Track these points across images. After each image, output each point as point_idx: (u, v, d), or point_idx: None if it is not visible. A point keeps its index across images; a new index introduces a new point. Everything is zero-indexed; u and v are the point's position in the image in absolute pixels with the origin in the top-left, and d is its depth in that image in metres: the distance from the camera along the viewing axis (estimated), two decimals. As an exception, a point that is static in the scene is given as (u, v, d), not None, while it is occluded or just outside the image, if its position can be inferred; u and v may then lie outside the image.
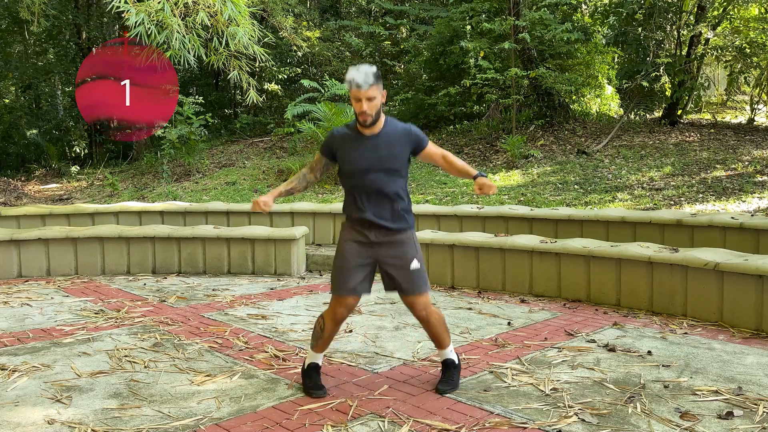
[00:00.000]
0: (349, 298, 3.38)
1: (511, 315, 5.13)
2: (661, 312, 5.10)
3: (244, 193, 11.61)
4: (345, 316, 3.45)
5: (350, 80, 3.22)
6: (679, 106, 14.20)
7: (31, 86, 21.11)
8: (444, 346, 3.56)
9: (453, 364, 3.57)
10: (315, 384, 3.49)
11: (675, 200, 8.90)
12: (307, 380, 3.52)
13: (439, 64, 15.41)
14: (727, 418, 3.07)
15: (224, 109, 20.34)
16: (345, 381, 3.65)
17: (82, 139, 20.50)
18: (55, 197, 13.61)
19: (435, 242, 6.39)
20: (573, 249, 5.60)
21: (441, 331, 3.51)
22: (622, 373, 3.73)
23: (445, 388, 3.46)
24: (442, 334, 3.52)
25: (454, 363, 3.57)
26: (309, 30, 16.95)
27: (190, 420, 3.14)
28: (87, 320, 5.05)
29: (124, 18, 6.24)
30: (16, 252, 6.91)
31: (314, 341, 3.54)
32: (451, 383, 3.50)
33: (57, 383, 3.65)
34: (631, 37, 14.40)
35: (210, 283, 6.56)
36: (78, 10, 19.33)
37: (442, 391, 3.45)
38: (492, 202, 9.41)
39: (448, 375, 3.54)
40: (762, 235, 5.97)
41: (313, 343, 3.54)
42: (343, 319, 3.46)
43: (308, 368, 3.55)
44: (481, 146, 13.35)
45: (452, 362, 3.57)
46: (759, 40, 13.31)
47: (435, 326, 3.49)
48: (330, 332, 3.49)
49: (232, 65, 7.42)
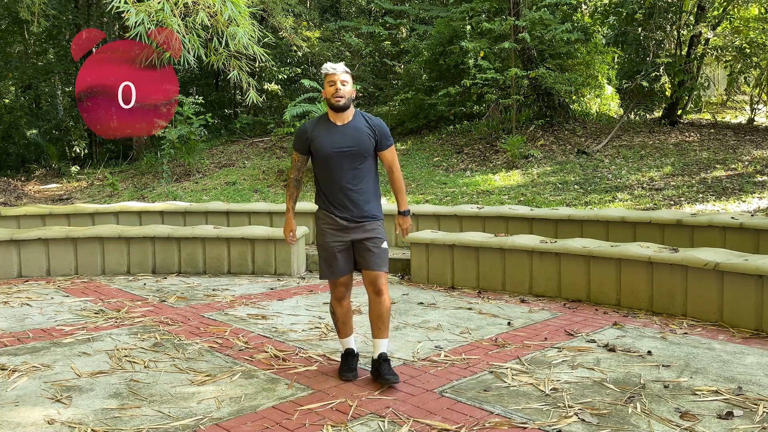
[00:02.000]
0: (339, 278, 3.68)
1: (511, 315, 5.13)
2: (661, 312, 5.10)
3: (244, 193, 11.61)
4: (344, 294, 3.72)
5: (325, 68, 3.60)
6: (679, 106, 14.20)
7: (31, 86, 21.11)
8: (385, 335, 3.67)
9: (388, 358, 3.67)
10: (347, 367, 3.72)
11: (675, 200, 8.90)
12: (342, 363, 3.78)
13: (439, 64, 15.41)
14: (727, 418, 3.07)
15: (224, 109, 20.34)
16: (345, 381, 3.65)
17: (82, 139, 20.50)
18: (55, 197, 13.61)
19: (435, 242, 6.39)
20: (573, 249, 5.60)
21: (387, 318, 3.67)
22: (622, 373, 3.73)
23: (395, 378, 3.54)
24: (387, 320, 3.67)
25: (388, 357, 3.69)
26: (309, 30, 16.95)
27: (190, 420, 3.14)
28: (87, 320, 5.05)
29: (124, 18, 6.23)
30: (16, 252, 6.91)
31: (336, 329, 3.82)
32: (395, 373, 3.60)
33: (57, 383, 3.65)
34: (631, 37, 14.40)
35: (210, 283, 6.56)
36: (78, 10, 19.34)
37: (394, 380, 3.53)
38: (492, 202, 9.41)
39: (388, 367, 3.61)
40: (762, 235, 5.97)
41: (337, 330, 3.82)
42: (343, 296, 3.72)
43: (343, 353, 3.81)
44: (481, 146, 13.35)
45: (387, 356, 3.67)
46: (759, 40, 13.31)
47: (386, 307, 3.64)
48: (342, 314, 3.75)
49: (232, 65, 7.42)
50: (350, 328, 3.79)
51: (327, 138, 3.59)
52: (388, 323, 3.69)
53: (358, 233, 3.62)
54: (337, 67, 3.58)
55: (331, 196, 3.63)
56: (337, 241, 3.63)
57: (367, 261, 3.62)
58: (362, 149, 3.59)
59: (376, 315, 3.65)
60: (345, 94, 3.56)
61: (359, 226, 3.62)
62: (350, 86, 3.60)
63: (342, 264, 3.66)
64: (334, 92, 3.55)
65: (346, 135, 3.59)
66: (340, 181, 3.59)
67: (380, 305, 3.63)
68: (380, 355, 3.64)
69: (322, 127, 3.64)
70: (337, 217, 3.62)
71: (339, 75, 3.55)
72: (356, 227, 3.63)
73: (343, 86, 3.55)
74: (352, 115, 3.65)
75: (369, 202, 3.65)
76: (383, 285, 3.64)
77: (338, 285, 3.70)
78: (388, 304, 3.66)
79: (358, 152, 3.58)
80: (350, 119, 3.64)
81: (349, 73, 3.62)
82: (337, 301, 3.74)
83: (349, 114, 3.64)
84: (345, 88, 3.56)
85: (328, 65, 3.60)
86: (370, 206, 3.66)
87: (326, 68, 3.59)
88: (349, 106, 3.61)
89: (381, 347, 3.66)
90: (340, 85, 3.54)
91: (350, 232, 3.63)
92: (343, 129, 3.61)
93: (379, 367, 3.60)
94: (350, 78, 3.62)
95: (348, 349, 3.78)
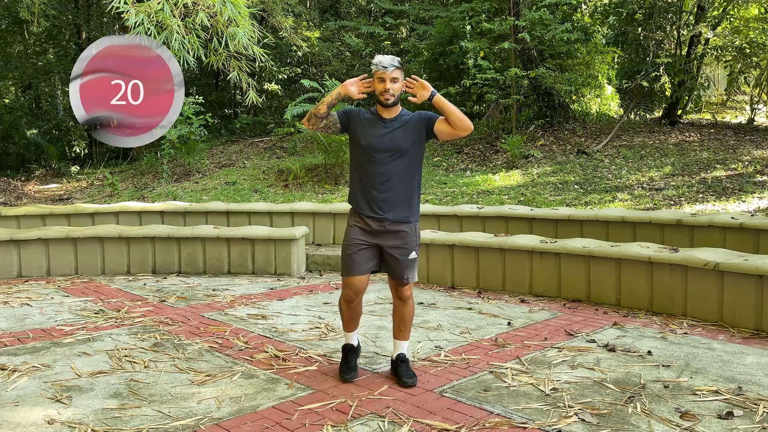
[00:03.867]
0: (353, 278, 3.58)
1: (511, 315, 5.13)
2: (661, 312, 5.10)
3: (244, 193, 11.60)
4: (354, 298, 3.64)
5: (377, 62, 3.46)
6: (679, 106, 14.20)
7: (31, 86, 21.10)
8: (406, 337, 3.71)
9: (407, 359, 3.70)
10: (347, 365, 3.70)
11: (675, 200, 8.90)
12: (342, 360, 3.76)
13: (439, 64, 15.41)
14: (727, 418, 3.07)
15: (224, 109, 20.33)
16: (345, 381, 3.65)
17: (82, 139, 20.49)
18: (55, 197, 13.60)
19: (435, 242, 6.39)
20: (573, 249, 5.60)
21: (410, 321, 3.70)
22: (622, 373, 3.73)
23: (413, 380, 3.55)
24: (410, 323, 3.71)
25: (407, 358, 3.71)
26: (309, 30, 16.94)
27: (190, 420, 3.14)
28: (87, 320, 5.05)
29: (124, 18, 6.23)
30: (16, 252, 6.90)
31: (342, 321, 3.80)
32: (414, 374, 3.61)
33: (57, 383, 3.64)
34: (631, 37, 14.40)
35: (210, 283, 6.56)
36: (78, 10, 19.33)
37: (411, 383, 3.53)
38: (492, 202, 9.41)
39: (407, 367, 3.64)
40: (762, 235, 5.97)
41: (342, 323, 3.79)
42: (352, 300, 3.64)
43: (343, 348, 3.79)
44: (481, 146, 13.35)
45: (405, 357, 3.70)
46: (759, 40, 13.30)
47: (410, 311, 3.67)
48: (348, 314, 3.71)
49: (232, 66, 7.42)
50: (355, 325, 3.78)
51: (373, 130, 3.52)
52: (410, 326, 3.70)
53: (387, 240, 3.54)
54: (388, 65, 3.43)
55: (366, 190, 3.53)
56: (362, 240, 3.55)
57: (394, 271, 3.59)
58: (406, 146, 3.51)
59: (399, 317, 3.67)
60: (395, 92, 3.47)
61: (389, 232, 3.53)
62: (401, 83, 3.49)
63: (360, 263, 3.55)
64: (383, 90, 3.45)
65: (392, 130, 3.52)
66: (379, 176, 3.50)
67: (404, 309, 3.65)
68: (398, 356, 3.66)
69: (370, 119, 3.56)
70: (366, 219, 3.54)
71: (389, 73, 3.43)
72: (385, 233, 3.53)
73: (394, 83, 3.45)
74: (399, 110, 3.58)
75: (403, 203, 3.54)
76: (408, 292, 3.63)
77: (350, 286, 3.58)
78: (412, 308, 3.68)
79: (401, 149, 3.50)
80: (398, 113, 3.57)
81: (400, 68, 3.48)
82: (346, 302, 3.68)
83: (397, 109, 3.57)
84: (395, 85, 3.45)
85: (379, 60, 3.46)
86: (405, 208, 3.55)
87: (377, 64, 3.45)
88: (398, 102, 3.55)
89: (401, 348, 3.69)
90: (390, 83, 3.44)
91: (378, 237, 3.55)
92: (390, 123, 3.54)
93: (398, 368, 3.63)
94: (401, 74, 3.50)
95: (348, 345, 3.77)
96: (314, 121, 3.56)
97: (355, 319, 3.75)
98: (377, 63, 3.46)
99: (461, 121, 3.47)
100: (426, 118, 3.55)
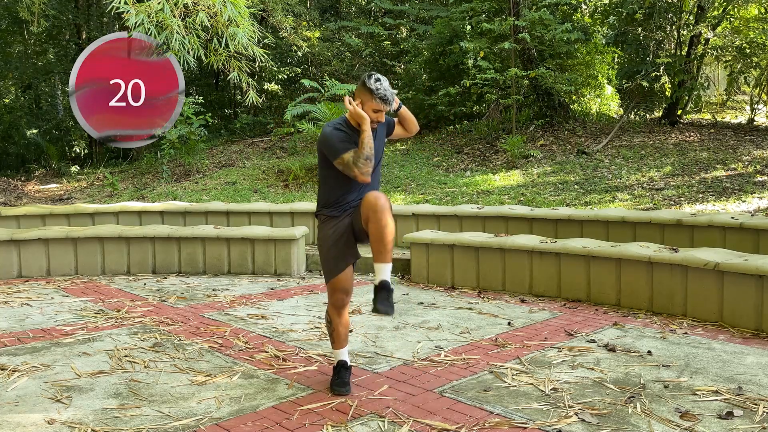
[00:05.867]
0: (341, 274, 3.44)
1: (511, 315, 5.13)
2: (661, 312, 5.10)
3: (244, 193, 11.60)
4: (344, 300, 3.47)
5: (383, 97, 3.35)
6: (679, 106, 14.19)
7: (31, 86, 21.09)
8: (387, 259, 3.24)
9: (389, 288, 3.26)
10: (340, 380, 3.52)
11: (675, 200, 8.90)
12: (334, 376, 3.57)
13: (438, 64, 15.41)
14: (727, 418, 3.07)
15: (224, 109, 20.32)
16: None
17: (82, 139, 20.48)
18: (55, 197, 13.60)
19: (435, 242, 6.39)
20: (573, 249, 5.60)
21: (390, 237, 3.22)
22: (622, 373, 3.73)
23: (386, 308, 3.20)
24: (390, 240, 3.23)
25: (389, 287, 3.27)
26: (309, 30, 16.94)
27: (190, 420, 3.14)
28: (87, 320, 5.05)
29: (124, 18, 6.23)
30: (16, 252, 6.91)
31: (330, 338, 3.61)
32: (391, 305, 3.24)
33: (57, 383, 3.65)
34: (631, 37, 14.39)
35: (210, 283, 6.56)
36: (78, 10, 19.33)
37: (384, 311, 3.19)
38: (492, 202, 9.41)
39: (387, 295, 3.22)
40: (762, 235, 5.97)
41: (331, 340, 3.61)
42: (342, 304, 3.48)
43: (336, 365, 3.59)
44: (481, 146, 13.35)
45: (388, 285, 3.26)
46: (759, 40, 13.30)
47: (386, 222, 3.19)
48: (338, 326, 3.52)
49: (232, 66, 7.42)
50: (345, 339, 3.57)
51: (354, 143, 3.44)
52: (391, 247, 3.22)
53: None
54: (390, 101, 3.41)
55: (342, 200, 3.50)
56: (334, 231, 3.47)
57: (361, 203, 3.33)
58: (380, 154, 3.56)
59: (375, 237, 3.20)
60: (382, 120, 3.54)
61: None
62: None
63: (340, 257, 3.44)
64: (375, 119, 3.44)
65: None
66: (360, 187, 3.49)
67: (378, 223, 3.17)
68: (381, 283, 3.23)
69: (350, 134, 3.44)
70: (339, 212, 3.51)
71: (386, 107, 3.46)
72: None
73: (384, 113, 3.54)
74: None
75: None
76: (382, 202, 3.20)
77: (338, 285, 3.45)
78: (390, 223, 3.19)
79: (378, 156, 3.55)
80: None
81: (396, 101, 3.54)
82: (335, 310, 3.50)
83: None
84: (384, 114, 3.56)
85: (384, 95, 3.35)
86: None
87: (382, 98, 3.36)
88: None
89: (382, 273, 3.23)
90: (383, 115, 3.48)
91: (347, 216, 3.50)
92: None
93: (377, 294, 3.23)
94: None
95: (341, 362, 3.57)
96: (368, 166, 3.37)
97: (346, 331, 3.56)
98: (382, 97, 3.35)
99: (414, 123, 3.76)
100: (387, 124, 3.68)
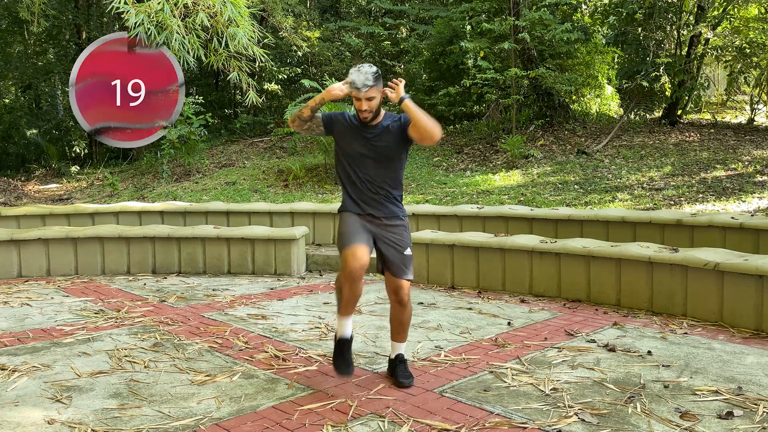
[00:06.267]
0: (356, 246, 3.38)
1: (511, 315, 5.13)
2: (661, 312, 5.10)
3: (244, 193, 11.60)
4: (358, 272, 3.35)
5: (351, 82, 3.42)
6: (679, 106, 14.20)
7: (31, 86, 21.09)
8: (404, 339, 3.70)
9: (405, 360, 3.70)
10: (342, 358, 3.51)
11: (675, 200, 8.90)
12: (336, 351, 3.55)
13: (438, 64, 15.41)
14: (727, 418, 3.07)
15: (224, 109, 20.32)
16: (345, 381, 3.65)
17: (82, 139, 20.48)
18: (55, 197, 13.60)
19: (435, 242, 6.39)
20: (573, 249, 5.60)
21: (408, 324, 3.69)
22: (622, 373, 3.73)
23: (409, 381, 3.56)
24: (408, 326, 3.69)
25: (405, 359, 3.71)
26: (309, 30, 16.94)
27: (190, 420, 3.14)
28: (87, 320, 5.05)
29: (124, 18, 6.24)
30: (16, 252, 6.90)
31: (337, 305, 3.57)
32: (411, 375, 3.62)
33: (57, 383, 3.64)
34: (631, 37, 14.40)
35: (210, 283, 6.56)
36: (78, 10, 19.32)
37: (407, 384, 3.54)
38: (492, 202, 9.41)
39: (404, 368, 3.64)
40: (762, 235, 5.97)
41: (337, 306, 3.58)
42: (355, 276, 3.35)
43: (337, 341, 3.54)
44: (481, 146, 13.35)
45: (404, 357, 3.70)
46: (759, 40, 13.30)
47: (407, 315, 3.65)
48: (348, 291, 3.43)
49: (232, 66, 7.42)
50: (352, 308, 3.51)
51: (355, 139, 3.56)
52: (408, 328, 3.69)
53: (382, 230, 3.57)
54: (361, 87, 3.38)
55: (353, 195, 3.60)
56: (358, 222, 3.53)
57: (392, 265, 3.56)
58: (387, 152, 3.55)
59: (397, 321, 3.65)
60: (372, 108, 3.46)
61: (383, 224, 3.58)
62: (378, 98, 3.46)
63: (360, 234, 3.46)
64: (360, 109, 3.47)
65: (375, 136, 3.55)
66: (365, 182, 3.56)
67: (403, 313, 3.63)
68: (397, 356, 3.66)
69: (354, 126, 3.58)
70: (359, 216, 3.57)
71: (363, 94, 3.39)
72: (380, 224, 3.58)
73: (369, 101, 3.43)
74: (381, 117, 3.59)
75: (392, 203, 3.61)
76: (406, 295, 3.60)
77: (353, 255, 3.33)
78: (410, 312, 3.68)
79: (383, 155, 3.54)
80: (380, 121, 3.58)
81: (375, 85, 3.41)
82: (348, 282, 3.37)
83: (379, 117, 3.58)
84: (372, 102, 3.44)
85: (353, 79, 3.38)
86: (394, 207, 3.61)
87: (351, 83, 3.40)
88: (377, 116, 3.56)
89: (398, 349, 3.68)
90: (365, 102, 3.43)
91: (374, 226, 3.57)
92: (372, 130, 3.56)
93: (395, 368, 3.63)
94: (377, 89, 3.44)
95: (343, 338, 3.52)
96: (298, 123, 3.62)
97: (354, 300, 3.46)
98: (351, 83, 3.40)
99: (426, 130, 3.40)
100: (404, 123, 3.54)
